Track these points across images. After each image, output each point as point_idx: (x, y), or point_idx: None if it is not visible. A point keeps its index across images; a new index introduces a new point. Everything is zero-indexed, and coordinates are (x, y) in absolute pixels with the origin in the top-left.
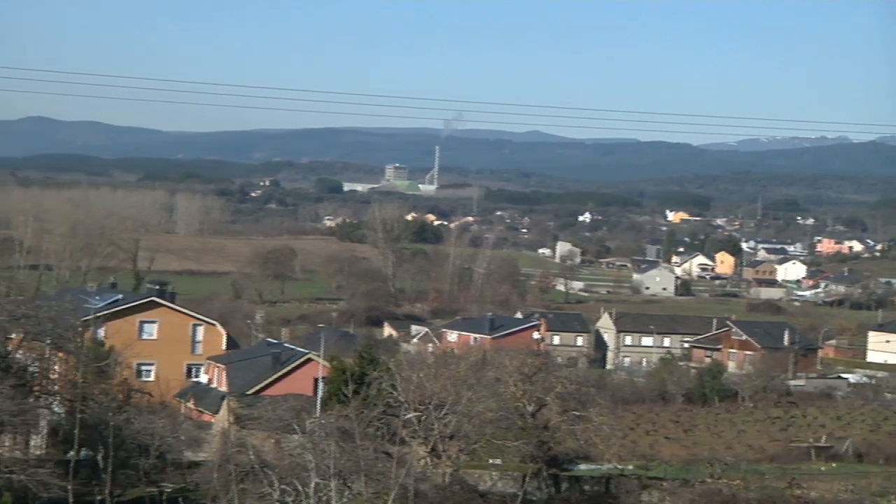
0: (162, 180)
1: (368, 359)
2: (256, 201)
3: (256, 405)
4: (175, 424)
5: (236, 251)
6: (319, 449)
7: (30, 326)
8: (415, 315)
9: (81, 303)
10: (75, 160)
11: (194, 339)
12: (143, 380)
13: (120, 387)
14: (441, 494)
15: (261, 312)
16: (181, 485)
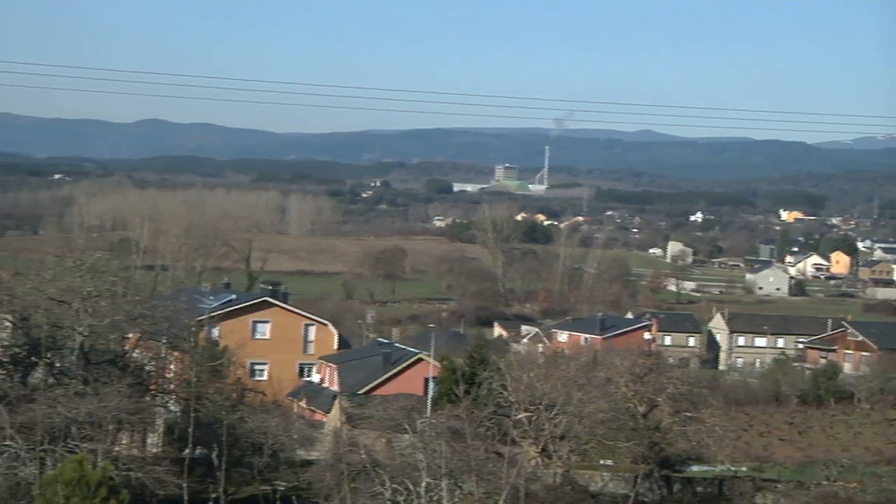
0: (274, 181)
1: (479, 359)
2: (367, 202)
3: (368, 405)
4: (288, 423)
5: (347, 251)
6: (430, 448)
7: (146, 326)
8: (525, 315)
9: (196, 303)
10: (190, 162)
11: (306, 338)
12: (256, 379)
13: (234, 386)
14: (552, 495)
15: (372, 312)
16: (294, 483)
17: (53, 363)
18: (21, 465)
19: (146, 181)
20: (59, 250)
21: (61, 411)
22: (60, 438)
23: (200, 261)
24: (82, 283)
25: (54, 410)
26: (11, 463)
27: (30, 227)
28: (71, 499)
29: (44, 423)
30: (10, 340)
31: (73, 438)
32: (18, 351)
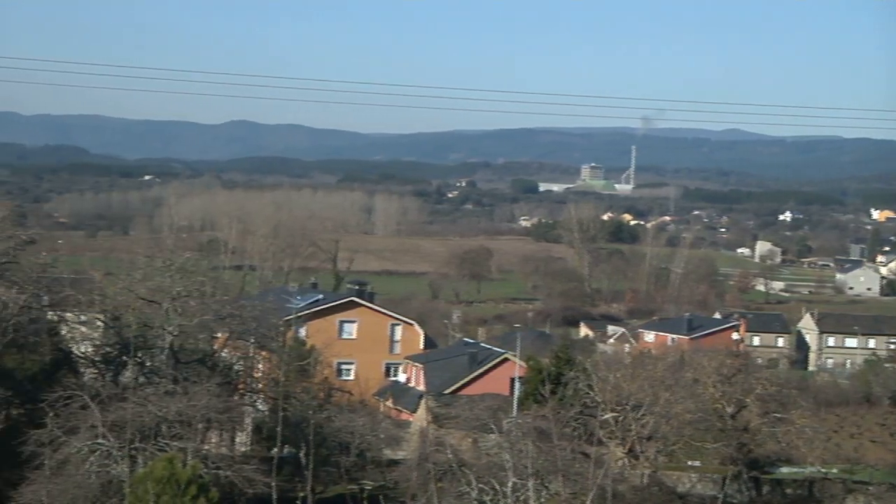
0: (361, 182)
1: (565, 359)
2: (453, 202)
3: (454, 404)
4: (374, 423)
5: (433, 251)
6: (517, 448)
7: (234, 326)
8: (611, 315)
9: (284, 302)
10: (277, 162)
11: (393, 338)
12: (343, 378)
13: (321, 385)
14: (639, 496)
15: (457, 312)
16: (381, 482)
17: (144, 362)
18: (113, 462)
19: (234, 182)
20: (149, 250)
21: (152, 410)
22: (151, 437)
23: (288, 261)
24: (172, 283)
25: (145, 409)
26: (103, 461)
27: (120, 228)
28: (161, 496)
29: (135, 422)
30: (101, 340)
31: (164, 437)
32: (110, 350)
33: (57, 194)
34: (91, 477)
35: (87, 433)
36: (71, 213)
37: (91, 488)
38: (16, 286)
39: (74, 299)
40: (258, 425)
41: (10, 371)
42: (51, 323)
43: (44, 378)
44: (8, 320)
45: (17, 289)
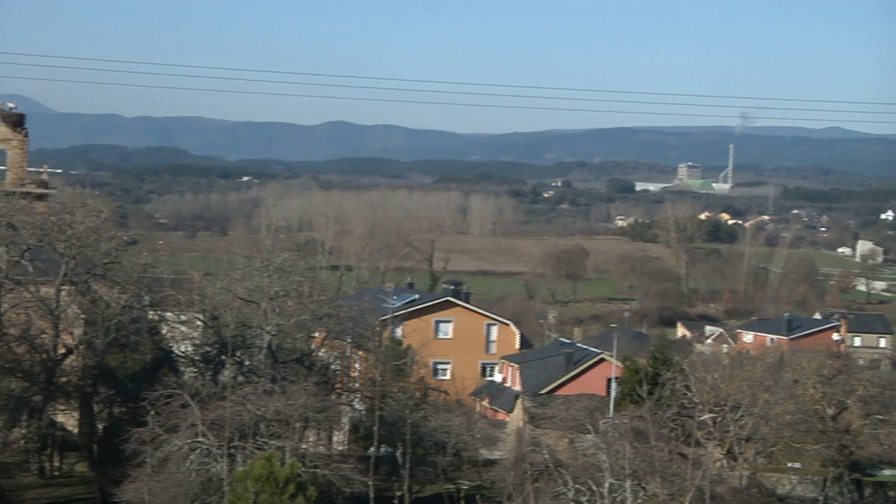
0: (456, 182)
1: (662, 359)
2: (548, 202)
3: (550, 404)
4: (470, 422)
5: (529, 251)
6: (613, 449)
7: (331, 325)
8: (708, 315)
9: (380, 302)
10: (374, 163)
11: (488, 338)
12: (439, 378)
13: (417, 385)
14: (738, 497)
15: (553, 312)
16: (477, 482)
17: (242, 361)
18: (212, 461)
19: (331, 182)
20: (248, 251)
21: (250, 409)
22: (250, 435)
23: (384, 261)
24: (270, 284)
25: (244, 408)
26: (203, 459)
27: (219, 229)
28: (260, 495)
29: (234, 421)
30: (201, 339)
31: (262, 435)
32: (209, 349)
33: (158, 195)
34: (191, 475)
35: (187, 431)
36: (171, 214)
37: (191, 486)
38: (118, 286)
39: (174, 299)
40: (355, 424)
41: (112, 370)
42: (152, 322)
43: (145, 377)
44: (110, 320)
45: (118, 289)
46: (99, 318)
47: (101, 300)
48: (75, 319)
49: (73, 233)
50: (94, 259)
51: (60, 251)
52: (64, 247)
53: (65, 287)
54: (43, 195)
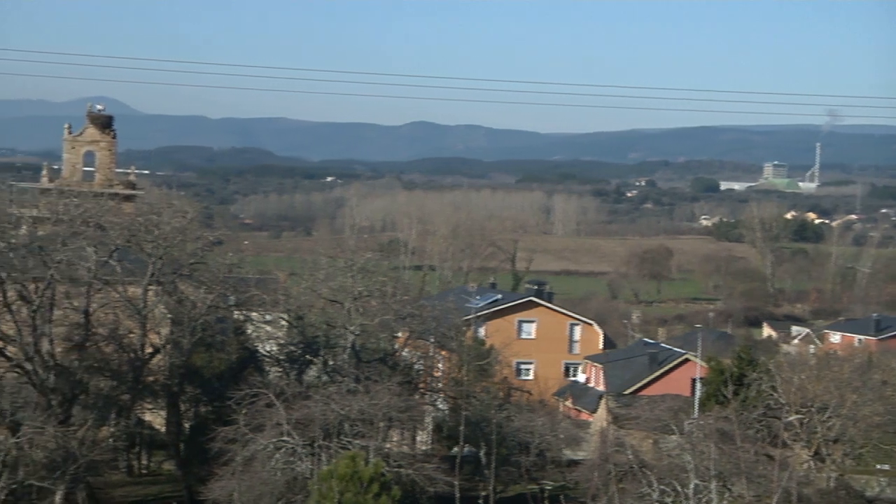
0: (540, 182)
1: (747, 360)
2: (632, 201)
3: (634, 405)
4: (554, 423)
5: (612, 251)
6: (698, 450)
7: (415, 325)
8: (794, 315)
9: (463, 302)
10: (457, 163)
11: (572, 338)
12: (522, 378)
13: (500, 385)
14: (826, 500)
15: (637, 312)
16: (561, 483)
17: (327, 361)
18: (297, 460)
19: (414, 183)
20: (332, 251)
21: (335, 408)
22: (334, 435)
23: (467, 261)
24: (354, 283)
25: (328, 407)
26: (289, 458)
27: (303, 229)
28: (345, 494)
29: (319, 420)
30: (285, 339)
31: (346, 435)
32: (294, 349)
33: (242, 196)
34: (276, 474)
35: (272, 431)
36: (256, 215)
37: (276, 485)
38: (203, 286)
39: (259, 299)
40: (438, 424)
41: (198, 369)
42: (237, 322)
43: (230, 376)
44: (196, 320)
45: (204, 289)
46: (185, 318)
47: (188, 300)
48: (162, 319)
49: (159, 233)
50: (181, 259)
51: (148, 251)
52: (151, 247)
53: (152, 287)
54: (130, 196)
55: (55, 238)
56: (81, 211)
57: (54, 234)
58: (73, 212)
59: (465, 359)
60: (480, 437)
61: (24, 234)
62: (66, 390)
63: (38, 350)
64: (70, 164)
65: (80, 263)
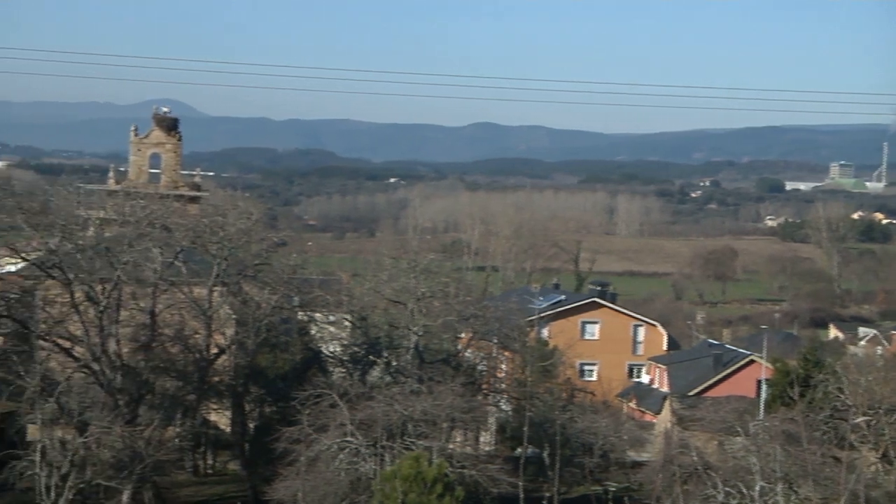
0: (603, 182)
1: (813, 361)
2: (696, 202)
3: (698, 406)
4: (618, 424)
5: (676, 252)
6: (764, 452)
7: (478, 326)
8: (862, 316)
9: (526, 303)
10: (519, 164)
11: (635, 339)
12: (585, 379)
13: (564, 386)
14: (893, 502)
15: (701, 313)
16: (625, 484)
17: (390, 362)
18: (361, 460)
19: (477, 183)
20: (395, 252)
21: (398, 409)
22: (398, 435)
23: (530, 262)
24: (417, 284)
25: (392, 408)
26: (352, 458)
27: (367, 230)
28: (408, 494)
29: (382, 421)
30: (349, 340)
31: (410, 435)
32: (357, 350)
33: (306, 197)
34: (340, 474)
35: (336, 431)
36: (320, 216)
37: (340, 485)
38: (268, 287)
39: (323, 300)
40: (502, 425)
41: (263, 370)
42: (301, 323)
43: (294, 377)
44: (261, 320)
45: (269, 290)
46: (250, 319)
47: (252, 301)
48: (227, 320)
49: (224, 234)
50: (245, 260)
51: (213, 252)
52: (216, 248)
53: (217, 288)
54: (196, 197)
55: (122, 239)
56: (148, 212)
57: (121, 235)
58: (139, 213)
59: (529, 360)
60: (544, 437)
61: (92, 235)
62: (132, 390)
63: (106, 350)
64: (136, 166)
65: (147, 264)
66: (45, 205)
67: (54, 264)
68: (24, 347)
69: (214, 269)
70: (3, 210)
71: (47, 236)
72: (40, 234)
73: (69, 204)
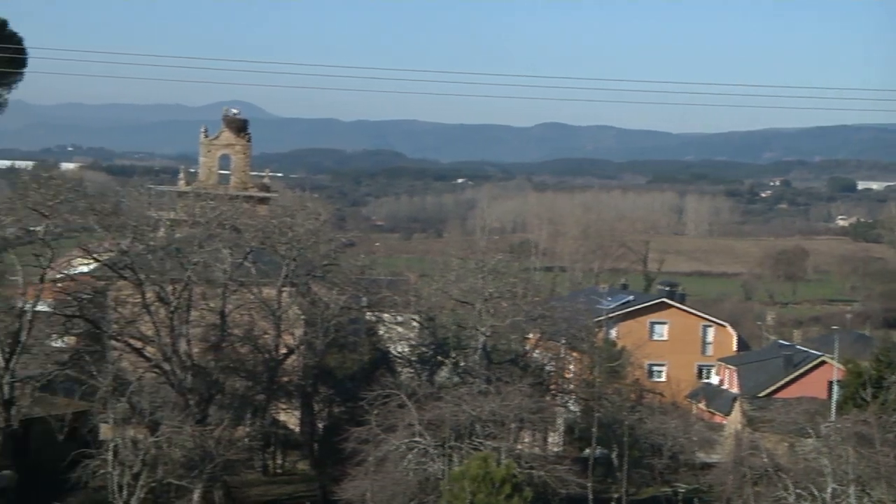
0: (671, 182)
1: (886, 362)
2: (766, 202)
3: (769, 407)
4: (687, 425)
5: (746, 252)
6: (836, 454)
7: (545, 326)
8: None
9: (594, 303)
10: (587, 164)
11: (704, 339)
12: (654, 380)
13: (632, 386)
14: None
15: (772, 314)
16: (694, 485)
17: (458, 362)
18: (429, 460)
19: (545, 184)
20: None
21: (466, 409)
22: (466, 436)
23: (597, 262)
24: (484, 285)
25: (460, 408)
26: (420, 459)
27: (434, 230)
28: (477, 495)
29: (450, 421)
30: (417, 340)
31: (478, 436)
32: (425, 350)
33: (374, 198)
34: (409, 474)
35: (404, 431)
36: (387, 216)
37: (409, 485)
38: (336, 287)
39: (391, 300)
40: (570, 426)
41: (331, 370)
42: (369, 323)
43: (363, 377)
44: (329, 321)
45: (337, 290)
46: (318, 319)
47: (321, 301)
48: (296, 320)
49: (293, 235)
50: (314, 261)
51: (282, 253)
52: (285, 249)
53: (286, 288)
54: (265, 198)
55: (192, 240)
56: (217, 213)
57: (191, 236)
58: (209, 214)
59: (597, 360)
60: (612, 438)
61: (162, 236)
62: (202, 390)
63: (176, 350)
64: (206, 167)
65: (216, 265)
66: (117, 206)
67: (126, 265)
68: (97, 347)
69: (283, 270)
70: (75, 211)
71: (119, 237)
72: (112, 235)
73: (140, 205)
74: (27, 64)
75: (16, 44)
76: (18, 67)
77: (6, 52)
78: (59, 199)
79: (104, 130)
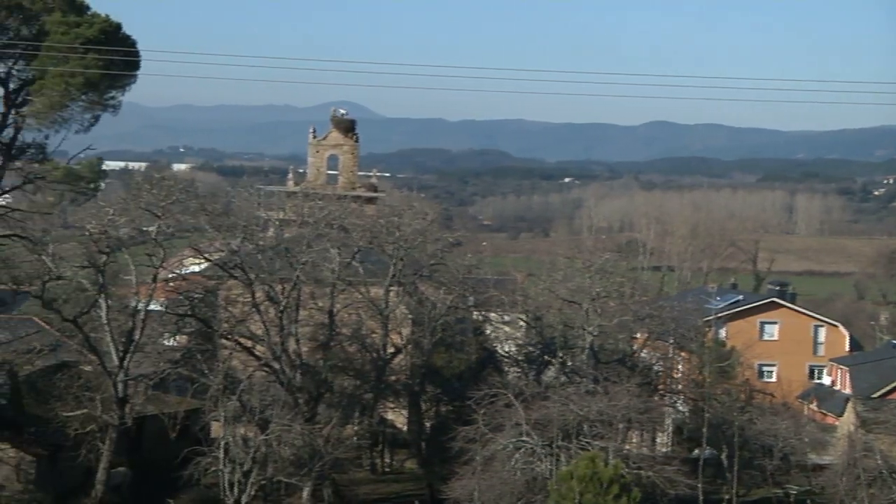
0: (781, 181)
1: None
2: (880, 200)
3: (883, 409)
4: (798, 426)
5: (858, 251)
6: None
7: (653, 326)
8: None
9: (702, 303)
10: (696, 162)
11: (816, 340)
12: (764, 380)
13: (742, 387)
14: None
15: (885, 313)
16: (806, 487)
17: (565, 362)
18: (537, 460)
19: (652, 183)
20: (569, 252)
21: (573, 409)
22: (573, 435)
23: (706, 261)
24: (591, 284)
25: (567, 408)
26: (528, 458)
27: (541, 230)
28: (585, 495)
29: (557, 421)
30: (524, 339)
31: (585, 436)
32: (532, 350)
33: (481, 197)
34: (516, 473)
35: (511, 431)
36: (494, 216)
37: (516, 485)
38: (443, 287)
39: (498, 300)
40: (678, 426)
41: (438, 369)
42: (476, 323)
43: (470, 376)
44: (436, 320)
45: (444, 289)
46: (426, 319)
47: (428, 301)
48: (403, 319)
49: (400, 235)
50: (421, 260)
51: (389, 253)
52: (392, 248)
53: (393, 288)
54: (372, 198)
55: (301, 240)
56: (326, 213)
57: (300, 236)
58: (317, 214)
59: (706, 360)
60: (722, 439)
61: (272, 236)
62: (311, 389)
63: (285, 349)
64: (315, 167)
65: (325, 265)
66: (228, 206)
67: (236, 265)
68: (208, 346)
69: (391, 270)
70: (187, 212)
71: (229, 237)
72: (222, 235)
73: (250, 205)
74: (140, 66)
75: (129, 47)
76: (132, 70)
77: (120, 56)
78: (171, 200)
79: (215, 131)
